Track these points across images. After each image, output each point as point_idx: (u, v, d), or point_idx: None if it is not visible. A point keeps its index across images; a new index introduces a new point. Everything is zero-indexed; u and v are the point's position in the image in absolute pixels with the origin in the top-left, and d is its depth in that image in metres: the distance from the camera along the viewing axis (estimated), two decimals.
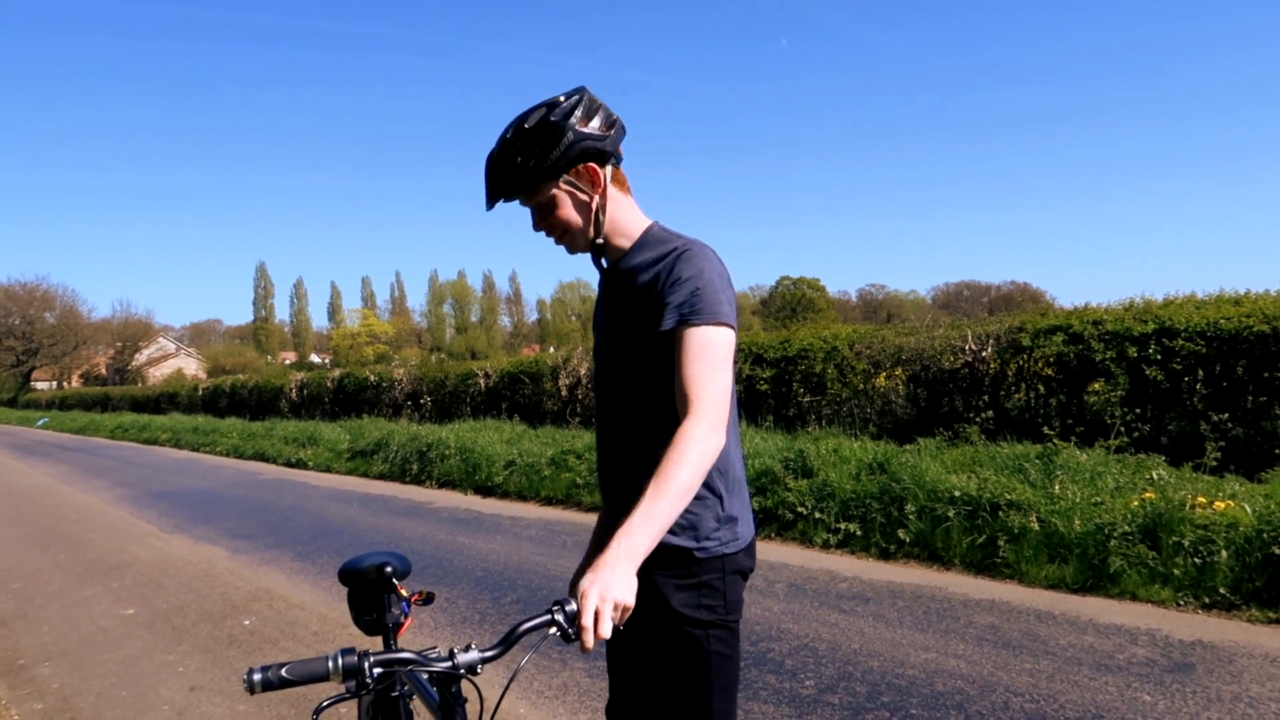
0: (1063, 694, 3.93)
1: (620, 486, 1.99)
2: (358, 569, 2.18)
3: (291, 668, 1.46)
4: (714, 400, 1.77)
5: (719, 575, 1.89)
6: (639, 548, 1.60)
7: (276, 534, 8.98)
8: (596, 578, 1.53)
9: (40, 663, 5.21)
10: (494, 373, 16.76)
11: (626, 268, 1.97)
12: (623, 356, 1.96)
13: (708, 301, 1.82)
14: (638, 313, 1.91)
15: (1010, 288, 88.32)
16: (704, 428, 1.73)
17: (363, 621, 2.16)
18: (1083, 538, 5.80)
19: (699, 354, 1.79)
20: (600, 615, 1.49)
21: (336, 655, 1.50)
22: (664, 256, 1.90)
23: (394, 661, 1.55)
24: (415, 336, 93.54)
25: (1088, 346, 8.25)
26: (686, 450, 1.69)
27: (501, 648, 1.54)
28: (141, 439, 25.76)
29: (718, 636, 1.87)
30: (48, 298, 73.28)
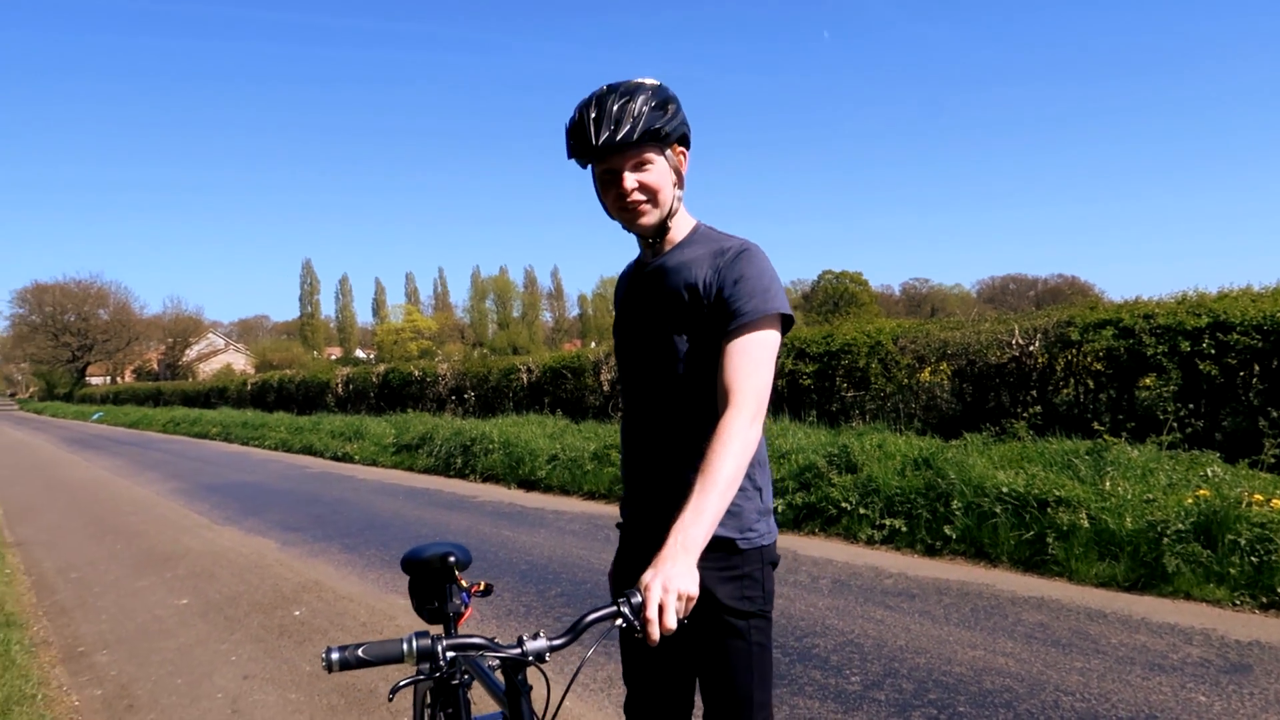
0: (1115, 693, 3.87)
1: (656, 476, 2.01)
2: (420, 558, 2.21)
3: (368, 648, 1.50)
4: (755, 393, 1.81)
5: (758, 566, 1.94)
6: (696, 540, 1.64)
7: (324, 526, 9.13)
8: (659, 571, 1.57)
9: (99, 650, 5.35)
10: (536, 368, 16.86)
11: (677, 261, 1.98)
12: (673, 347, 1.97)
13: (767, 296, 1.87)
14: (692, 306, 1.92)
15: (1058, 281, 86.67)
16: (745, 419, 1.77)
17: (425, 610, 2.20)
18: (1134, 535, 5.69)
19: (746, 349, 1.83)
20: (665, 607, 1.52)
21: (411, 638, 1.54)
22: (721, 253, 1.93)
23: (466, 646, 1.58)
24: (458, 332, 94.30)
25: (1139, 341, 8.09)
26: (730, 442, 1.74)
27: (569, 637, 1.57)
28: (192, 433, 26.31)
29: (758, 627, 1.93)
30: (102, 295, 75.12)
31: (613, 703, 4.06)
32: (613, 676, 4.34)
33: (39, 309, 72.77)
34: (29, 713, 4.22)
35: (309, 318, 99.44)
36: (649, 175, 1.91)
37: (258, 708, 4.27)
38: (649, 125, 1.86)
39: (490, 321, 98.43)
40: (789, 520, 7.73)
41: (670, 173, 1.95)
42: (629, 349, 2.09)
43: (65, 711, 4.36)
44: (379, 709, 4.12)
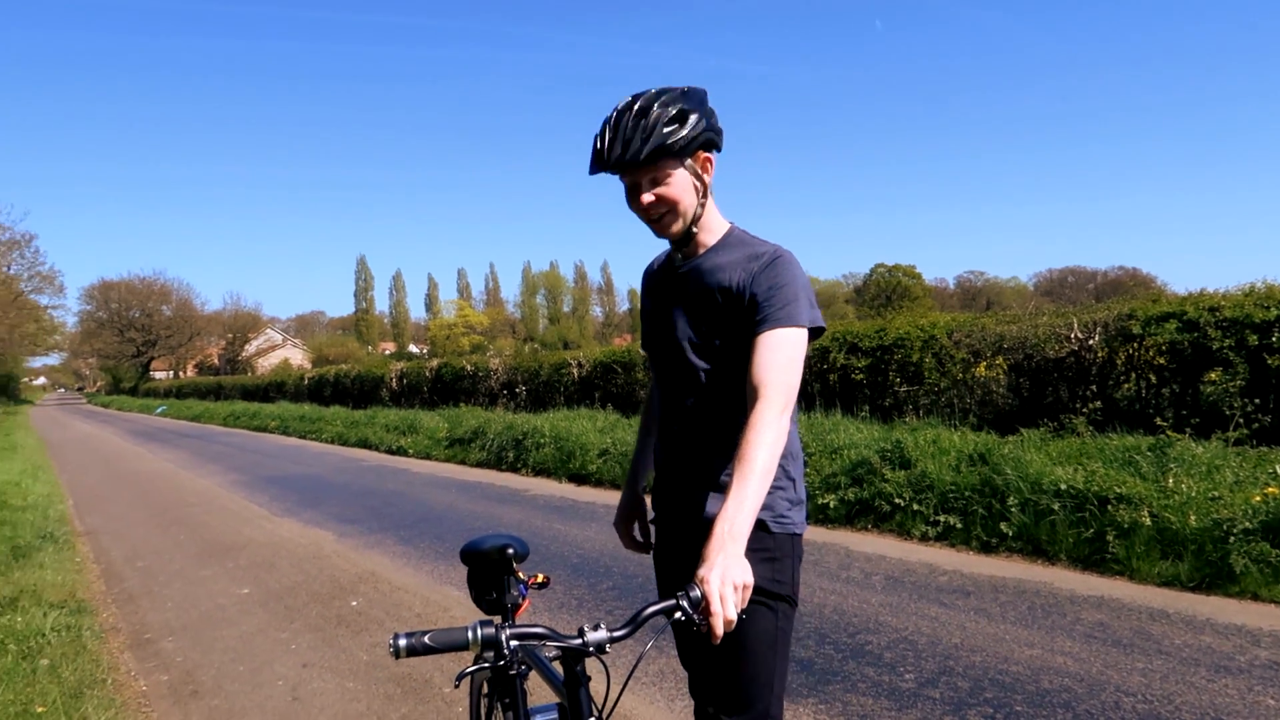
0: (1178, 695, 3.78)
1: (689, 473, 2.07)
2: (479, 550, 2.25)
3: (434, 635, 1.54)
4: (785, 387, 1.85)
5: (789, 554, 2.00)
6: (741, 528, 1.68)
7: (380, 518, 9.29)
8: (713, 564, 1.59)
9: (165, 637, 5.51)
10: (587, 362, 16.92)
11: (711, 264, 2.02)
12: (707, 349, 2.02)
13: (801, 308, 1.91)
14: (726, 309, 1.97)
15: (1118, 273, 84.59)
16: (775, 411, 1.81)
17: (483, 601, 2.23)
18: (1199, 534, 5.55)
19: (777, 347, 1.88)
20: (725, 598, 1.55)
21: (476, 626, 1.58)
22: (757, 258, 1.96)
23: (529, 635, 1.61)
24: (509, 327, 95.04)
25: (1204, 334, 7.87)
26: (762, 432, 1.78)
27: (630, 628, 1.59)
28: (252, 426, 26.92)
29: (784, 613, 1.98)
30: (165, 291, 77.18)
31: (664, 696, 4.07)
32: (664, 670, 4.36)
33: (106, 305, 75.05)
34: (100, 697, 4.36)
35: (363, 313, 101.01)
36: (667, 188, 1.94)
37: (316, 695, 4.36)
38: (660, 142, 1.88)
39: (541, 316, 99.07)
40: (841, 516, 7.66)
41: (691, 182, 1.97)
42: (660, 347, 2.14)
43: (133, 696, 4.50)
44: (434, 698, 4.19)
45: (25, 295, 42.58)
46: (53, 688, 4.43)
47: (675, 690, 4.11)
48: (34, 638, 5.25)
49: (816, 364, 11.51)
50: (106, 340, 75.79)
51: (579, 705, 1.68)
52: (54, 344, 63.16)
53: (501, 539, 2.25)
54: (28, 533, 8.79)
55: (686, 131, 1.90)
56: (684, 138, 1.90)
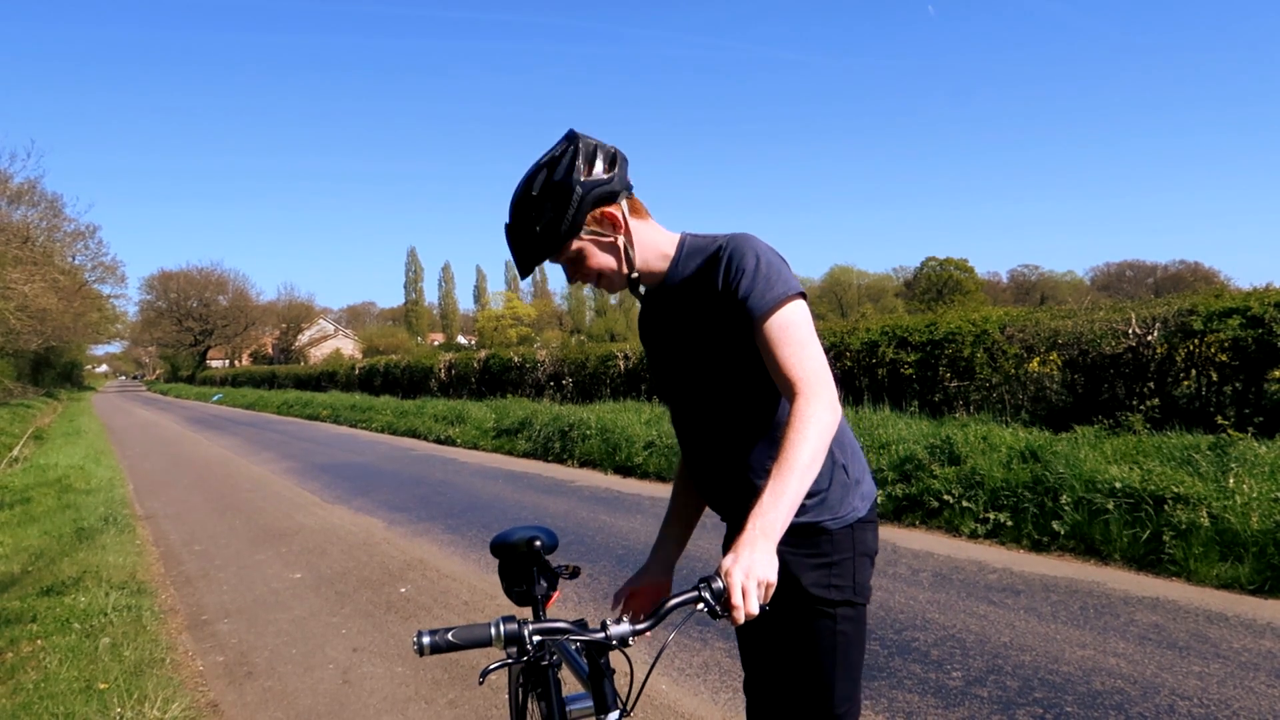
0: (1236, 700, 3.69)
1: (724, 482, 2.02)
2: (508, 542, 2.26)
3: (457, 632, 1.55)
4: (817, 375, 1.78)
5: (849, 556, 1.91)
6: (774, 525, 1.63)
7: (429, 507, 9.41)
8: (738, 557, 1.57)
9: (220, 619, 5.65)
10: (633, 355, 16.94)
11: (678, 281, 1.97)
12: (711, 363, 1.95)
13: (774, 281, 1.83)
14: (709, 316, 1.91)
15: (1179, 268, 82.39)
16: (819, 403, 1.75)
17: (513, 592, 2.25)
18: (1261, 536, 5.39)
19: (784, 335, 1.81)
20: (747, 593, 1.53)
21: (498, 622, 1.59)
22: (715, 256, 1.91)
23: (551, 630, 1.62)
24: (556, 319, 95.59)
25: (1269, 330, 7.64)
26: (804, 427, 1.72)
27: (652, 621, 1.59)
28: (304, 415, 27.41)
29: (845, 615, 1.90)
30: (221, 282, 78.88)
31: (708, 688, 4.07)
32: (708, 662, 4.36)
33: (165, 295, 76.94)
34: (159, 676, 4.49)
35: (413, 304, 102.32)
36: (585, 265, 1.93)
37: (366, 679, 4.44)
38: (550, 240, 1.86)
39: (588, 309, 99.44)
40: (888, 511, 7.59)
41: (598, 248, 1.92)
42: (670, 366, 2.08)
43: (191, 675, 4.62)
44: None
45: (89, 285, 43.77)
46: (114, 666, 4.57)
47: (720, 683, 4.11)
48: (96, 617, 5.43)
49: (865, 358, 11.40)
50: (165, 329, 77.73)
51: (603, 697, 1.69)
52: (115, 332, 64.83)
53: (529, 531, 2.27)
54: (91, 516, 9.07)
55: (569, 213, 1.85)
56: (567, 222, 1.86)
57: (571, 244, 1.89)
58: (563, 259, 1.93)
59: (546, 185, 1.85)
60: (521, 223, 1.87)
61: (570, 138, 1.89)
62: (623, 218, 1.91)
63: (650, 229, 1.98)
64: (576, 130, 1.91)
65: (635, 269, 1.95)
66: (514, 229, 1.89)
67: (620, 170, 1.91)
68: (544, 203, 1.85)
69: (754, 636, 2.04)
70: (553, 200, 1.85)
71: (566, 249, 1.89)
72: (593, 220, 1.89)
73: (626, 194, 1.94)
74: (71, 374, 71.37)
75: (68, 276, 37.40)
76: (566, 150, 1.87)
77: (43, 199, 34.17)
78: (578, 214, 1.85)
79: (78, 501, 10.16)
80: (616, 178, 1.89)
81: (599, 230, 1.90)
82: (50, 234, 35.80)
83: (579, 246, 1.90)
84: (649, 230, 1.98)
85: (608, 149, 1.91)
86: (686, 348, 2.00)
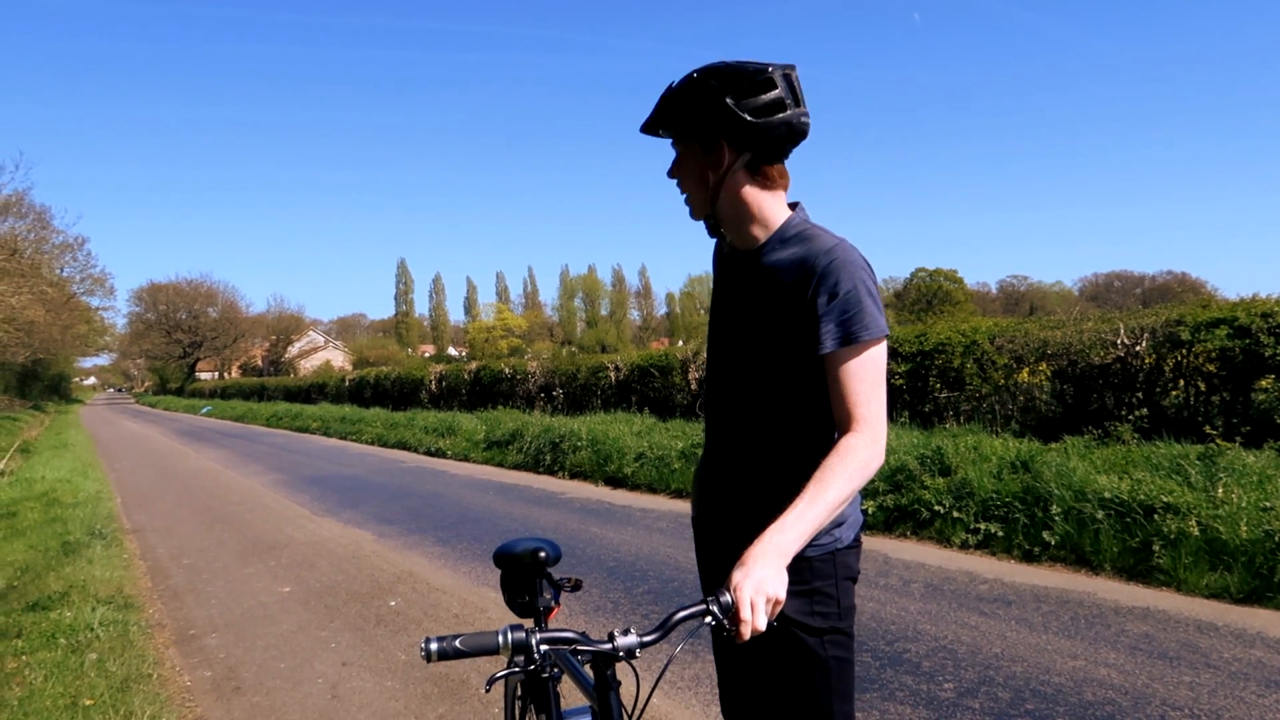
0: (1226, 710, 3.69)
1: (726, 486, 1.98)
2: (512, 553, 2.25)
3: (465, 639, 1.54)
4: (879, 419, 1.76)
5: (831, 581, 1.88)
6: (789, 545, 1.62)
7: (419, 519, 9.37)
8: (749, 571, 1.56)
9: (208, 634, 5.60)
10: (624, 366, 16.95)
11: (768, 263, 1.89)
12: (760, 359, 1.90)
13: (868, 314, 1.77)
14: (782, 315, 1.84)
15: (1166, 278, 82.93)
16: (870, 444, 1.73)
17: (516, 604, 2.23)
18: (1250, 545, 5.41)
19: (862, 371, 1.77)
20: (756, 608, 1.52)
21: (506, 630, 1.58)
22: (813, 258, 1.81)
23: (559, 640, 1.61)
24: (547, 330, 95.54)
25: (1255, 340, 7.69)
26: (850, 462, 1.70)
27: (659, 633, 1.58)
28: (294, 427, 27.29)
29: (833, 641, 1.87)
30: (211, 293, 78.64)
31: (700, 701, 4.06)
32: (699, 675, 4.34)
33: (154, 307, 76.66)
34: (145, 691, 4.44)
35: (403, 316, 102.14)
36: (680, 170, 1.95)
37: (356, 693, 4.41)
38: (677, 123, 1.88)
39: (579, 320, 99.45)
40: (879, 522, 7.59)
41: (699, 172, 1.90)
42: (722, 342, 2.02)
43: (178, 691, 4.57)
44: (471, 698, 4.21)
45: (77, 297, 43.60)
46: (100, 681, 4.53)
47: (711, 695, 4.09)
48: (83, 632, 5.38)
49: None
50: (154, 341, 77.42)
51: (609, 710, 1.68)
52: (104, 345, 64.58)
53: (534, 542, 2.25)
54: (77, 529, 9.00)
55: (699, 117, 1.84)
56: (692, 122, 1.85)
57: (685, 145, 1.91)
58: (675, 146, 1.95)
59: (705, 83, 1.81)
60: (674, 92, 1.87)
61: (779, 66, 1.83)
62: (727, 165, 1.86)
63: (765, 197, 1.90)
64: (794, 71, 1.85)
65: (714, 213, 1.94)
66: (672, 91, 1.88)
67: (775, 125, 1.82)
68: (693, 94, 1.83)
69: (740, 664, 2.00)
70: (699, 98, 1.83)
71: (680, 140, 1.92)
72: (707, 140, 1.87)
73: (765, 154, 1.86)
74: (59, 386, 71.01)
75: (56, 289, 37.21)
76: (758, 69, 1.80)
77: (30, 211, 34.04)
78: (704, 126, 1.84)
79: (64, 515, 10.08)
80: (761, 125, 1.81)
81: (708, 156, 1.88)
82: (38, 246, 35.64)
83: (688, 155, 1.92)
84: (761, 196, 1.90)
85: (787, 101, 1.82)
86: (745, 333, 1.94)
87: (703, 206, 1.94)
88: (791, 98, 1.82)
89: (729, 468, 1.99)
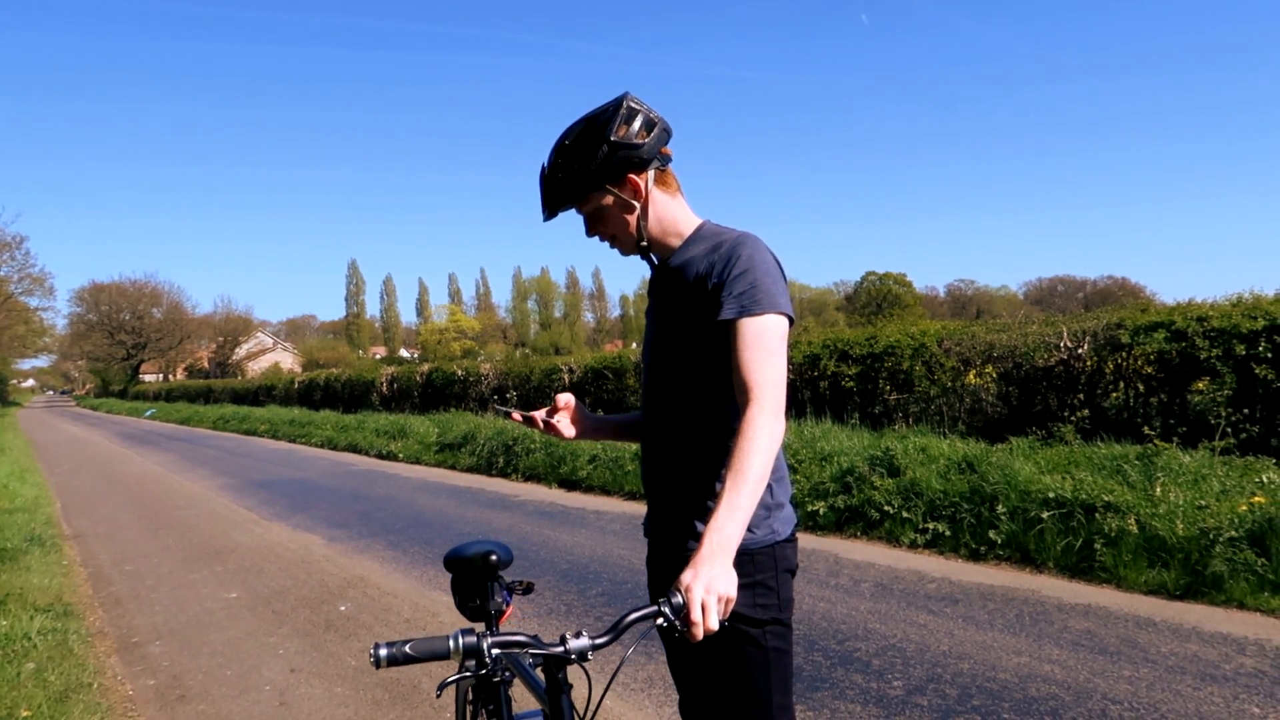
0: (1164, 703, 3.80)
1: (669, 477, 2.03)
2: (463, 556, 2.24)
3: (415, 645, 1.53)
4: (774, 385, 1.81)
5: (772, 574, 1.92)
6: (730, 540, 1.65)
7: (369, 523, 9.26)
8: (698, 573, 1.58)
9: (152, 641, 5.48)
10: (578, 368, 16.92)
11: (678, 263, 2.01)
12: (676, 349, 1.99)
13: (765, 291, 1.86)
14: (691, 304, 1.94)
15: (1107, 283, 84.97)
16: (768, 414, 1.77)
17: (467, 608, 2.22)
18: (1185, 542, 5.58)
19: (755, 341, 1.83)
20: (707, 608, 1.54)
21: (457, 635, 1.57)
22: (717, 248, 1.94)
23: (510, 644, 1.61)
24: (500, 332, 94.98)
25: (1192, 344, 7.92)
26: (756, 438, 1.74)
27: (611, 636, 1.59)
28: (241, 430, 26.82)
29: (774, 633, 1.91)
30: (155, 294, 76.82)
31: (653, 702, 4.07)
32: (653, 676, 4.36)
33: (96, 308, 74.66)
34: (86, 701, 4.34)
35: (354, 317, 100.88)
36: (601, 223, 2.02)
37: (304, 700, 4.35)
38: (573, 187, 1.96)
39: (532, 322, 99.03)
40: (830, 523, 7.68)
41: (620, 209, 1.99)
42: (649, 347, 2.12)
43: (120, 700, 4.47)
44: (423, 704, 4.18)
45: (15, 297, 42.41)
46: (38, 692, 4.41)
47: (664, 696, 4.11)
48: (19, 641, 5.23)
49: (807, 371, 11.53)
50: (96, 343, 75.42)
51: (560, 713, 1.68)
52: (43, 346, 62.92)
53: (485, 545, 2.25)
54: (14, 536, 8.74)
55: (592, 165, 1.93)
56: (590, 172, 1.94)
57: (594, 198, 1.97)
58: (583, 210, 2.02)
59: (580, 136, 1.94)
60: (552, 167, 1.96)
61: (619, 98, 1.95)
62: (644, 188, 1.98)
63: (674, 205, 2.04)
64: (631, 94, 1.96)
65: (645, 239, 2.01)
66: (546, 172, 1.98)
67: (655, 139, 1.96)
68: (574, 152, 1.94)
69: (685, 658, 2.04)
70: (582, 151, 1.93)
71: (590, 200, 1.98)
72: (615, 181, 1.96)
73: (658, 165, 2.00)
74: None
75: None
76: (609, 108, 1.94)
77: None
78: (601, 170, 1.93)
79: (0, 521, 9.78)
80: (648, 145, 1.94)
81: (620, 193, 1.98)
82: None
83: (598, 203, 1.98)
84: (672, 206, 2.03)
85: (649, 116, 1.95)
86: (663, 326, 2.04)
87: (632, 241, 2.03)
88: (644, 113, 1.95)
89: (662, 462, 2.05)
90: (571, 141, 1.94)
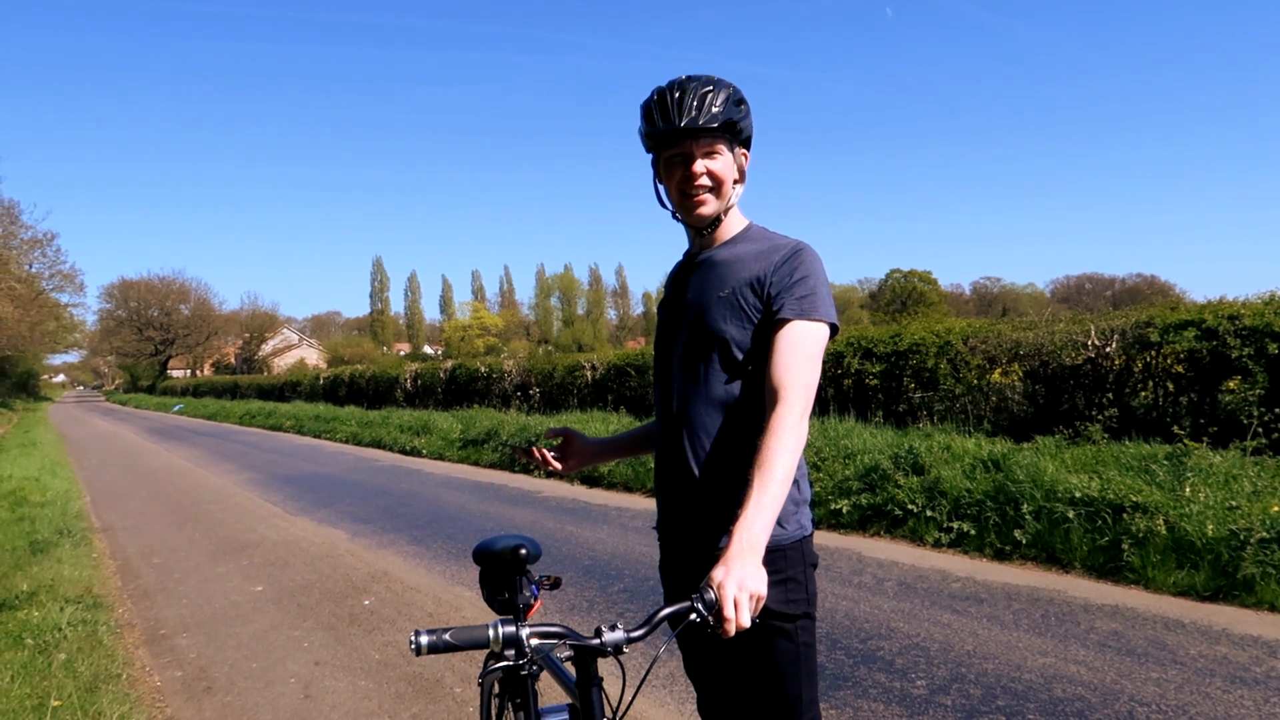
0: (1193, 706, 3.75)
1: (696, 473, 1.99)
2: (492, 550, 2.25)
3: (455, 633, 1.54)
4: (805, 389, 1.82)
5: (801, 569, 1.94)
6: (759, 538, 1.65)
7: (393, 518, 9.32)
8: (730, 569, 1.58)
9: (179, 634, 5.55)
10: (600, 365, 16.94)
11: (729, 255, 2.01)
12: (710, 342, 1.97)
13: (822, 299, 1.91)
14: (737, 300, 1.94)
15: (1136, 280, 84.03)
16: (796, 415, 1.78)
17: (495, 601, 2.23)
18: (1215, 543, 5.50)
19: (800, 343, 1.85)
20: (740, 605, 1.54)
21: (496, 624, 1.58)
22: (773, 251, 1.96)
23: (548, 634, 1.62)
24: (523, 329, 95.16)
25: (1223, 342, 7.81)
26: (784, 437, 1.75)
27: (646, 629, 1.59)
28: (267, 425, 27.05)
29: (804, 628, 1.93)
30: (183, 291, 77.70)
31: (674, 699, 4.07)
32: (674, 673, 4.35)
33: (125, 304, 75.62)
34: (114, 692, 4.40)
35: (379, 314, 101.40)
36: (717, 165, 1.96)
37: (328, 693, 4.38)
38: (729, 117, 1.92)
39: (555, 319, 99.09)
40: (854, 521, 7.64)
41: (734, 168, 2.00)
42: (669, 341, 2.09)
43: (148, 691, 4.53)
44: (445, 698, 4.20)
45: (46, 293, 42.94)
46: (68, 682, 4.47)
47: (686, 694, 4.11)
48: (50, 632, 5.31)
49: (831, 369, 11.48)
50: (125, 338, 76.39)
51: (591, 706, 1.68)
52: (73, 342, 63.59)
53: (514, 539, 2.25)
54: (45, 528, 8.87)
55: (745, 117, 1.97)
56: (744, 121, 1.97)
57: (726, 142, 1.97)
58: (706, 148, 1.95)
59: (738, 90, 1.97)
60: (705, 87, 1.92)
61: None
62: (745, 166, 2.05)
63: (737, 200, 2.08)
64: None
65: (722, 213, 2.02)
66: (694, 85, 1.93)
67: None
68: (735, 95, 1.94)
69: (712, 656, 2.03)
70: (740, 101, 1.96)
71: (721, 140, 1.96)
72: (745, 145, 2.03)
73: None
74: (27, 384, 69.86)
75: (24, 284, 36.68)
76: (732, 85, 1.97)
77: None
78: (747, 125, 1.99)
79: (32, 514, 9.93)
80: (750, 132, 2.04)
81: (739, 155, 2.02)
82: (6, 241, 35.13)
83: (725, 150, 1.97)
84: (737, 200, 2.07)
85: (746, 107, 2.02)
86: (696, 318, 2.01)
87: (718, 206, 2.01)
88: None
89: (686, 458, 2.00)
90: (737, 91, 1.95)
